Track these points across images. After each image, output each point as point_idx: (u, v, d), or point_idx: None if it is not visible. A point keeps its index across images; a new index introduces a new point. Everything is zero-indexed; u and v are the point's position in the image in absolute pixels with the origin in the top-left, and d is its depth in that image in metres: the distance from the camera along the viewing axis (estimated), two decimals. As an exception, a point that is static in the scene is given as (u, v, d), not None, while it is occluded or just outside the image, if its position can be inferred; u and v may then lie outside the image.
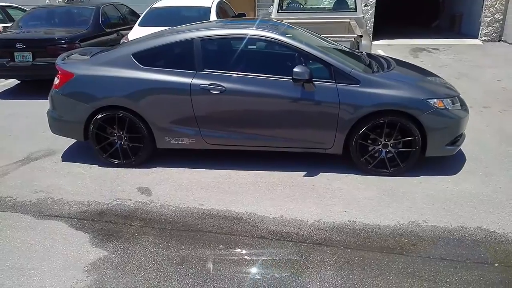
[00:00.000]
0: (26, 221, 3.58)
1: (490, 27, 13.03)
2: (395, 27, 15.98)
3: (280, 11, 8.93)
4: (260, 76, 4.22)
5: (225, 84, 4.19)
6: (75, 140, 5.28)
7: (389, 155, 4.28)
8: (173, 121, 4.36)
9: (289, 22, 5.76)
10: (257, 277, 2.85)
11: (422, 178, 4.25)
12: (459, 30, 15.14)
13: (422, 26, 17.03)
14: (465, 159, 4.66)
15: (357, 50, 5.60)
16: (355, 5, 8.69)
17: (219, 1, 8.68)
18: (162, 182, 4.26)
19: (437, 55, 11.08)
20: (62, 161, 4.82)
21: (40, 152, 5.06)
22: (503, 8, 12.76)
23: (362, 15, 8.77)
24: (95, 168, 4.59)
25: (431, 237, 3.29)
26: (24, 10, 11.00)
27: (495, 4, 12.76)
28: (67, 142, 5.25)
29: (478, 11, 13.51)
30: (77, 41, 7.61)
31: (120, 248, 3.18)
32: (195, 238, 3.31)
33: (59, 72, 4.57)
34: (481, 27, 13.15)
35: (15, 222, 3.56)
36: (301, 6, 9.40)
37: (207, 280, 2.83)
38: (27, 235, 3.37)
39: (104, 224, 3.53)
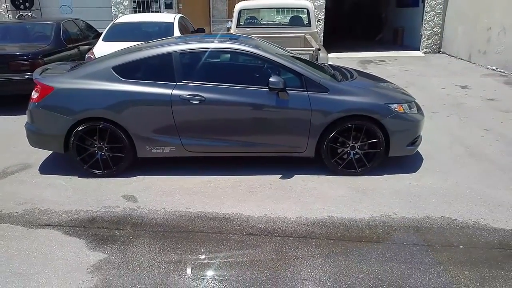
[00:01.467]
0: (18, 231, 3.63)
1: (430, 40, 14.10)
2: (343, 41, 16.84)
3: (239, 26, 9.29)
4: (237, 86, 4.51)
5: (204, 94, 4.45)
6: (50, 154, 5.32)
7: (357, 156, 4.68)
8: (154, 131, 4.55)
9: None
10: (251, 268, 3.11)
11: (387, 176, 4.69)
12: (402, 43, 16.21)
13: (367, 40, 18.06)
14: (422, 158, 5.16)
15: (318, 62, 6.04)
16: (309, 21, 9.21)
17: (180, 17, 8.92)
18: (146, 189, 4.42)
19: (384, 66, 11.86)
20: (40, 173, 4.86)
21: (15, 166, 5.06)
22: (441, 22, 13.88)
23: (316, 30, 9.32)
24: (76, 179, 4.67)
25: (402, 226, 3.70)
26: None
27: (434, 18, 13.85)
28: (41, 155, 5.28)
29: (418, 25, 14.58)
30: (39, 57, 7.56)
31: (118, 251, 3.33)
32: (188, 238, 3.52)
33: (38, 86, 4.64)
34: (422, 40, 14.20)
35: (6, 232, 3.61)
36: (259, 22, 9.83)
37: (206, 273, 3.05)
38: (22, 243, 3.44)
39: (97, 230, 3.65)
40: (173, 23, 8.20)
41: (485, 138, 5.94)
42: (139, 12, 13.59)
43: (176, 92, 4.46)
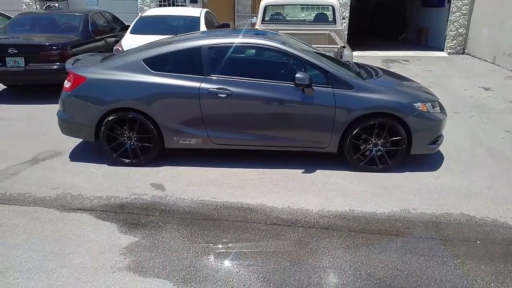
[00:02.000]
0: (52, 214, 3.83)
1: (455, 41, 13.97)
2: (366, 39, 16.79)
3: (264, 22, 9.39)
4: (263, 81, 4.63)
5: (231, 88, 4.58)
6: (79, 142, 5.53)
7: (379, 153, 4.76)
8: (182, 123, 4.70)
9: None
10: (275, 256, 3.23)
11: (407, 173, 4.76)
12: (426, 43, 16.08)
13: (391, 39, 17.94)
14: (443, 158, 5.21)
15: (344, 60, 6.11)
16: (334, 18, 9.26)
17: (206, 11, 9.06)
18: (173, 179, 4.58)
19: (407, 66, 11.82)
20: (71, 161, 5.05)
21: (46, 153, 5.27)
22: (466, 23, 13.74)
23: (341, 28, 9.35)
24: (105, 167, 4.85)
25: (422, 221, 3.78)
26: (8, 17, 11.01)
27: (459, 19, 13.71)
28: (71, 143, 5.49)
29: (443, 25, 14.45)
30: (68, 47, 7.79)
31: (148, 235, 3.50)
32: (215, 225, 3.66)
33: (70, 76, 4.83)
34: (446, 40, 14.07)
35: (41, 215, 3.80)
36: (284, 18, 9.91)
37: (233, 258, 3.19)
38: (56, 226, 3.63)
39: (127, 215, 3.82)
40: (199, 17, 8.35)
41: (506, 140, 5.95)
42: (165, 5, 13.79)
43: (204, 85, 4.60)
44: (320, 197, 4.20)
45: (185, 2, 13.93)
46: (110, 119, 4.71)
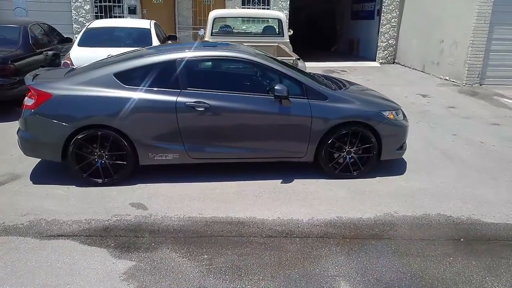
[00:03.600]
0: (30, 243, 3.53)
1: (386, 51, 14.89)
2: (303, 51, 17.33)
3: (213, 34, 9.39)
4: (241, 93, 4.64)
5: (209, 102, 4.53)
6: (37, 162, 5.16)
7: (351, 160, 4.94)
8: (158, 138, 4.56)
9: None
10: (282, 268, 3.24)
11: (378, 178, 4.99)
12: (358, 54, 16.98)
13: (324, 50, 18.72)
14: (405, 162, 5.52)
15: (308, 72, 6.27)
16: (282, 31, 9.49)
17: (154, 23, 8.88)
18: (152, 197, 4.42)
19: (347, 75, 12.38)
20: (34, 183, 4.70)
21: (3, 177, 4.85)
22: (396, 34, 14.71)
23: (288, 40, 9.61)
24: (74, 189, 4.57)
25: (406, 223, 3.98)
26: None
27: (389, 31, 14.65)
28: (28, 164, 5.12)
29: (374, 37, 15.36)
30: (9, 62, 7.26)
31: (145, 257, 3.34)
32: (211, 242, 3.59)
33: (32, 92, 4.51)
34: (378, 51, 14.95)
35: (19, 245, 3.49)
36: (232, 30, 9.98)
37: (242, 275, 3.14)
38: (39, 255, 3.35)
39: (115, 238, 3.63)
40: (149, 29, 8.16)
41: (456, 142, 6.45)
42: (101, 17, 13.29)
43: (181, 99, 4.51)
44: (305, 206, 4.27)
45: (122, 13, 13.53)
46: (79, 137, 4.45)
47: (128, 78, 4.54)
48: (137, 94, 4.49)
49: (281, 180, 4.85)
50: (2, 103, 7.55)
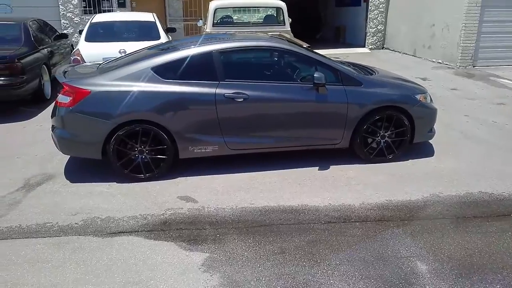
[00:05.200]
0: (94, 242, 3.49)
1: (375, 37, 15.08)
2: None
3: (214, 25, 9.32)
4: (278, 83, 4.66)
5: (247, 92, 4.54)
6: (67, 161, 5.08)
7: (385, 144, 5.04)
8: (197, 131, 4.55)
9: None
10: (356, 252, 3.30)
11: (411, 161, 5.11)
12: (344, 40, 17.12)
13: (309, 38, 18.77)
14: (430, 144, 5.66)
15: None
16: (283, 20, 9.50)
17: (156, 15, 8.76)
18: (196, 189, 4.41)
19: (342, 62, 12.48)
20: (72, 182, 4.62)
21: (36, 177, 4.75)
22: (384, 20, 14.89)
23: (289, 29, 9.63)
24: (116, 185, 4.52)
25: (454, 203, 4.11)
26: None
27: (377, 17, 14.83)
28: (57, 163, 5.06)
29: (361, 23, 15.50)
30: (16, 60, 7.04)
31: (216, 249, 3.35)
32: (274, 231, 3.62)
33: (68, 90, 4.41)
34: (367, 37, 15.12)
35: (82, 244, 3.45)
36: (233, 20, 9.92)
37: (318, 261, 3.19)
38: (108, 253, 3.32)
39: (178, 231, 3.62)
40: (155, 21, 8.04)
41: (470, 123, 6.63)
42: (90, 11, 12.97)
43: (219, 90, 4.49)
44: (351, 191, 4.34)
45: (111, 7, 13.24)
46: (120, 133, 4.39)
47: (166, 71, 4.49)
48: (176, 88, 4.45)
49: (317, 168, 4.91)
50: (8, 103, 7.35)
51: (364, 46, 15.33)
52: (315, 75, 4.52)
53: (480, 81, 9.80)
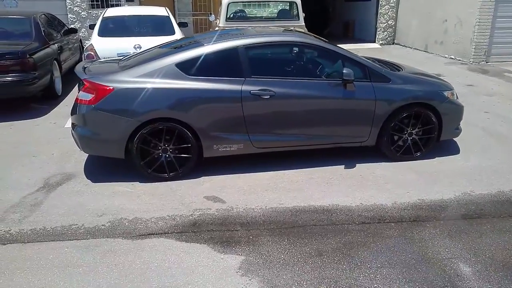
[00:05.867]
0: (124, 244, 3.39)
1: (385, 32, 14.93)
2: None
3: (228, 19, 9.19)
4: (305, 79, 4.54)
5: (274, 89, 4.42)
6: (85, 160, 4.99)
7: (412, 142, 4.92)
8: (223, 129, 4.44)
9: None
10: (397, 253, 3.20)
11: (437, 159, 5.00)
12: (353, 36, 16.96)
13: (316, 33, 18.59)
14: (454, 141, 5.54)
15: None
16: (298, 14, 9.36)
17: (168, 9, 8.63)
18: (222, 189, 4.30)
19: (353, 58, 12.34)
20: (93, 182, 4.51)
21: (56, 177, 4.64)
22: (394, 15, 14.73)
23: (303, 23, 9.49)
24: (139, 185, 4.41)
25: (487, 201, 4.01)
26: None
27: (388, 12, 14.67)
28: (76, 162, 4.97)
29: (371, 18, 15.34)
30: (28, 56, 6.91)
31: (251, 251, 3.25)
32: (308, 232, 3.52)
33: (89, 86, 4.29)
34: (377, 32, 14.96)
35: (112, 247, 3.35)
36: (247, 15, 9.78)
37: (358, 263, 3.09)
38: (141, 256, 3.22)
39: (209, 233, 3.52)
40: (168, 16, 7.92)
41: (491, 120, 6.51)
42: (97, 5, 12.83)
43: (245, 87, 4.38)
44: (381, 190, 4.23)
45: (120, 1, 13.09)
46: (144, 131, 4.28)
47: (190, 67, 4.38)
48: (201, 84, 4.34)
49: (343, 166, 4.81)
50: (20, 100, 7.24)
51: (374, 42, 15.18)
52: (344, 71, 4.40)
53: (495, 77, 9.67)
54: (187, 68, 4.36)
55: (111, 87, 4.23)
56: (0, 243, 3.39)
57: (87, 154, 5.08)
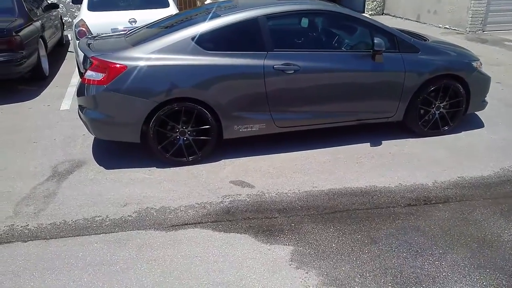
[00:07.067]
0: (158, 237, 3.09)
1: (375, 2, 14.60)
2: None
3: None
4: (331, 51, 4.24)
5: (298, 63, 4.11)
6: (93, 144, 4.64)
7: (440, 116, 4.70)
8: (244, 108, 4.13)
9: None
10: (457, 238, 3.00)
11: (464, 133, 4.82)
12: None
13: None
14: (475, 115, 5.36)
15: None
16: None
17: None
18: (247, 172, 4.03)
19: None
20: (106, 169, 4.16)
21: (64, 164, 4.27)
22: (385, -15, 14.39)
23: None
24: (157, 171, 4.09)
25: (530, 177, 3.83)
26: None
27: (378, -19, 14.30)
28: (84, 148, 4.61)
29: (360, -12, 14.95)
30: (14, 33, 6.37)
31: (298, 240, 3.01)
32: (352, 217, 3.29)
33: (98, 65, 3.90)
34: (366, 2, 14.62)
35: (146, 240, 3.05)
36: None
37: (418, 250, 2.88)
38: (180, 249, 2.94)
39: (246, 221, 3.25)
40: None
41: (506, 90, 6.36)
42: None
43: (268, 62, 4.05)
44: (417, 169, 4.03)
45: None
46: (161, 113, 3.93)
47: (208, 42, 4.01)
48: (220, 60, 3.99)
49: (369, 144, 4.58)
50: (7, 82, 6.72)
51: (363, 12, 14.81)
52: (375, 41, 4.11)
53: (495, 46, 9.52)
54: (204, 43, 3.99)
55: (123, 65, 3.84)
56: (20, 240, 3.05)
57: (92, 138, 4.70)
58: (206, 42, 4.00)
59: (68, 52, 9.18)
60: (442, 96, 4.59)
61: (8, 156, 4.45)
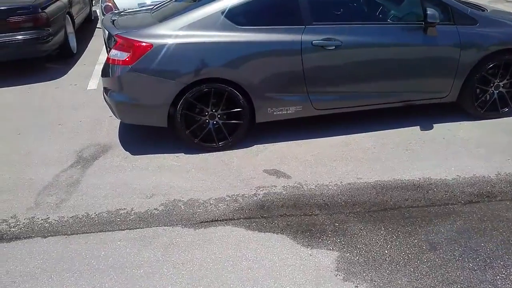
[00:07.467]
0: (185, 235, 2.80)
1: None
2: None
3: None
4: (376, 24, 3.78)
5: (340, 38, 3.66)
6: (118, 128, 4.38)
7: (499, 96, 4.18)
8: (279, 89, 3.74)
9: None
10: None
11: (526, 114, 4.27)
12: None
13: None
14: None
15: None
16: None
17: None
18: (283, 160, 3.67)
19: None
20: (132, 154, 3.90)
21: (89, 149, 4.03)
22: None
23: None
24: (185, 157, 3.80)
25: None
26: None
27: None
28: (109, 131, 4.38)
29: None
30: (40, 10, 6.13)
31: (343, 244, 2.65)
32: (406, 217, 2.89)
33: (123, 43, 3.58)
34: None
35: (173, 239, 2.77)
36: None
37: (487, 260, 2.47)
38: (210, 250, 2.64)
39: (283, 219, 2.92)
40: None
41: None
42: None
43: (306, 37, 3.62)
44: (476, 158, 3.58)
45: None
46: (189, 95, 3.59)
47: (240, 16, 3.62)
48: (253, 36, 3.60)
49: (418, 127, 4.11)
50: (34, 60, 6.53)
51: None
52: (428, 12, 3.61)
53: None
54: (235, 17, 3.60)
55: (149, 43, 3.50)
56: (40, 236, 2.84)
57: (119, 121, 4.44)
58: (237, 16, 3.61)
59: (96, 29, 8.94)
60: (502, 73, 4.05)
61: (31, 140, 4.26)
